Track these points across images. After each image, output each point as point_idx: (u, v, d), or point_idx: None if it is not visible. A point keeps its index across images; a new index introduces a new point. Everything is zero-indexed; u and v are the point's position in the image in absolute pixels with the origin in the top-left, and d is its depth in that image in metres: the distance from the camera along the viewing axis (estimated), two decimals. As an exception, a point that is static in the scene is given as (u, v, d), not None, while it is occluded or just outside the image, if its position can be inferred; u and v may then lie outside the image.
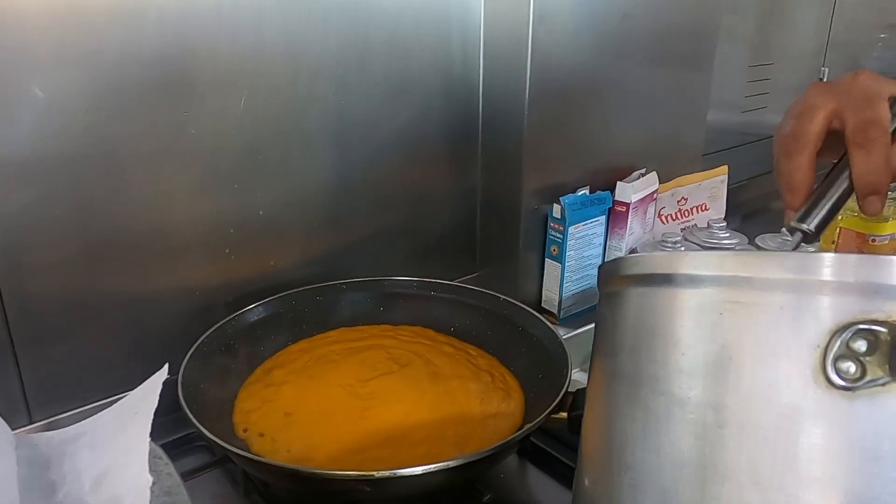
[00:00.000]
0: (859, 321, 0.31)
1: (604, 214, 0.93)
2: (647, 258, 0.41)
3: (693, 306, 0.36)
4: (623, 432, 0.39)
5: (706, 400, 0.35)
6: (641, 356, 0.39)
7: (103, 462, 0.37)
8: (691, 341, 0.36)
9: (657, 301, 0.38)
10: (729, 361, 0.34)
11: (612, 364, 0.42)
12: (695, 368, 0.36)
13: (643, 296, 0.40)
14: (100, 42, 0.61)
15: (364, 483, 0.51)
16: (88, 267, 0.66)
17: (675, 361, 0.37)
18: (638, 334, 0.40)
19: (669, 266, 0.38)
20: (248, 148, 0.73)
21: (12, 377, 0.64)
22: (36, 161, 0.60)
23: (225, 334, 0.71)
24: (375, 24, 0.77)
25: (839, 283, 0.32)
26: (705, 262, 0.36)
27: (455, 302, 0.80)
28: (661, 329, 0.38)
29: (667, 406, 0.36)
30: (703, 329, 0.36)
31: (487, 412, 0.65)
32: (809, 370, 0.32)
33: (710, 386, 0.35)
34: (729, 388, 0.34)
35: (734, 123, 1.33)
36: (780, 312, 0.33)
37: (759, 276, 0.34)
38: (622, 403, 0.40)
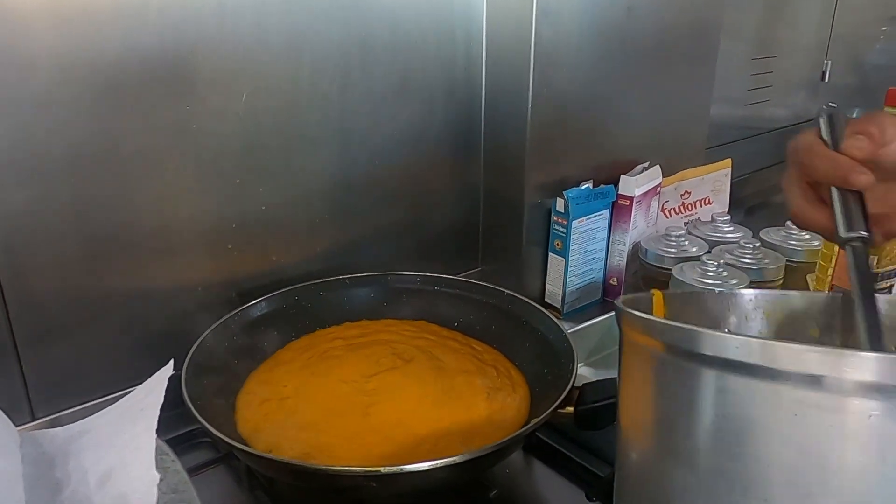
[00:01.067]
0: None
1: (607, 208, 0.93)
2: (691, 334, 0.34)
3: (763, 402, 0.32)
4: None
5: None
6: (697, 442, 0.34)
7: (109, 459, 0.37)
8: (763, 442, 0.32)
9: (705, 382, 0.33)
10: (806, 469, 0.31)
11: (657, 432, 0.37)
12: (768, 473, 0.32)
13: (683, 370, 0.35)
14: (101, 39, 0.60)
15: (370, 479, 0.51)
16: (90, 264, 0.65)
17: (744, 457, 0.32)
18: (690, 416, 0.34)
19: (737, 352, 0.32)
20: (250, 144, 0.72)
21: (15, 375, 0.64)
22: (37, 159, 0.60)
23: (228, 330, 0.70)
24: (378, 20, 0.77)
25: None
26: (779, 354, 0.31)
27: (459, 297, 0.80)
28: (719, 419, 0.33)
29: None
30: (776, 430, 0.32)
31: (493, 408, 0.65)
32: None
33: (787, 496, 0.31)
34: (813, 495, 0.31)
35: (737, 117, 1.32)
36: (868, 421, 0.29)
37: (841, 377, 0.29)
38: (679, 490, 0.35)
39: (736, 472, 0.33)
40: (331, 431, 0.61)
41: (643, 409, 0.39)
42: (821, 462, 0.31)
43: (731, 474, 0.33)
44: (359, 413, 0.64)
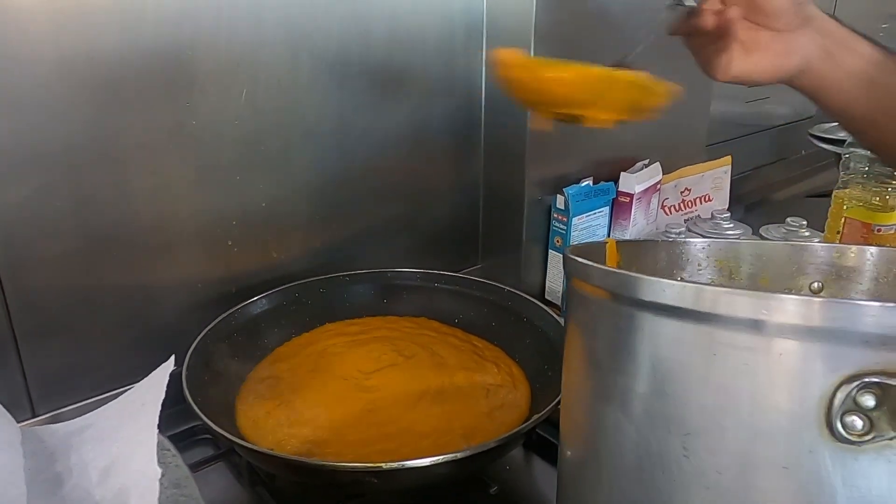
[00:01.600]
0: (867, 373, 0.29)
1: (607, 205, 0.93)
2: (629, 279, 0.36)
3: (685, 341, 0.33)
4: (609, 457, 0.37)
5: (702, 442, 0.33)
6: (628, 381, 0.36)
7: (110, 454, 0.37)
8: (685, 379, 0.33)
9: (642, 325, 0.35)
10: (726, 406, 0.32)
11: (594, 377, 0.39)
12: (690, 406, 0.33)
13: (623, 315, 0.36)
14: (99, 36, 0.60)
15: (371, 475, 0.51)
16: (90, 260, 0.65)
17: (669, 395, 0.34)
18: (622, 356, 0.36)
19: (655, 294, 0.34)
20: (249, 140, 0.72)
21: (15, 371, 0.64)
22: (36, 154, 0.60)
23: (228, 327, 0.70)
24: (377, 14, 0.77)
25: (845, 332, 0.29)
26: (693, 296, 0.33)
27: (459, 293, 0.80)
28: (649, 359, 0.35)
29: (658, 440, 0.34)
30: (697, 368, 0.33)
31: (494, 404, 0.65)
32: (813, 423, 0.30)
33: (706, 432, 0.33)
34: (726, 438, 0.32)
35: (737, 114, 1.32)
36: (780, 360, 0.31)
37: (755, 317, 0.31)
38: (608, 426, 0.37)
39: (660, 411, 0.34)
40: (331, 427, 0.61)
41: (582, 354, 0.40)
42: (733, 399, 0.32)
43: (656, 413, 0.35)
44: (359, 409, 0.64)
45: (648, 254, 0.54)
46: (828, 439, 0.30)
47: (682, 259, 0.54)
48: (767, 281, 0.52)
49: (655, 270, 0.53)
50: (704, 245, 0.54)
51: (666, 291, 0.33)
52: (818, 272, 0.51)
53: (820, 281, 0.51)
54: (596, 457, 0.39)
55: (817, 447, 0.30)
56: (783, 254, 0.52)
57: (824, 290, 0.51)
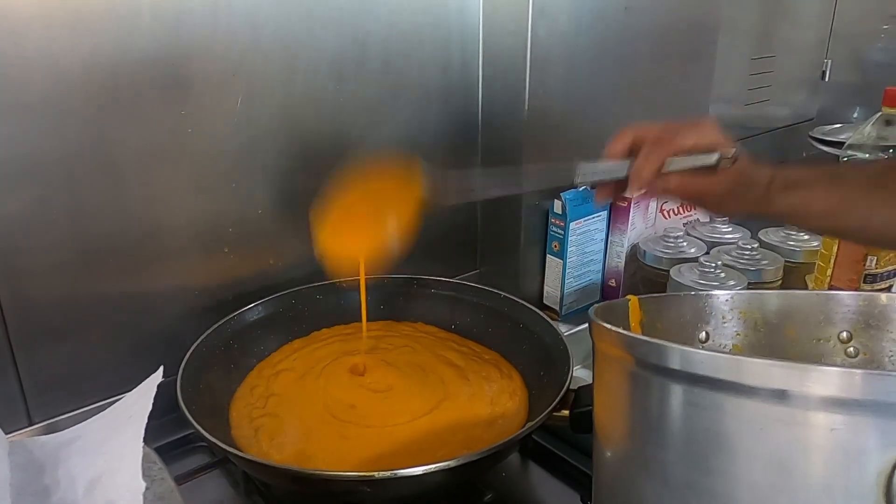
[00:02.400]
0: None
1: (605, 210, 0.93)
2: (660, 349, 0.34)
3: (730, 416, 0.32)
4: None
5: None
6: (668, 454, 0.34)
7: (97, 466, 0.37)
8: (731, 455, 0.32)
9: (673, 395, 0.34)
10: (775, 486, 0.31)
11: (632, 446, 0.37)
12: (736, 488, 0.32)
13: (653, 383, 0.35)
14: (95, 44, 0.60)
15: (364, 483, 0.51)
16: (86, 268, 0.65)
17: (710, 478, 0.32)
18: (660, 427, 0.35)
19: (684, 361, 0.33)
20: (245, 147, 0.72)
21: (11, 380, 0.64)
22: (33, 164, 0.60)
23: (224, 334, 0.70)
24: (373, 20, 0.77)
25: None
26: (745, 370, 0.31)
27: (455, 299, 0.80)
28: (688, 433, 0.33)
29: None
30: (742, 444, 0.31)
31: (494, 411, 0.64)
32: (871, 501, 0.28)
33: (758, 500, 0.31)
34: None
35: (736, 117, 1.31)
36: (831, 435, 0.29)
37: (793, 389, 0.29)
38: (647, 493, 0.36)
39: (705, 486, 0.33)
40: (327, 435, 0.61)
41: (616, 419, 0.39)
42: (785, 476, 0.31)
43: (701, 488, 0.33)
44: (356, 416, 0.64)
45: (672, 308, 0.53)
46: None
47: (705, 312, 0.53)
48: (794, 331, 0.51)
49: (681, 325, 0.53)
50: (728, 297, 0.53)
51: (699, 361, 0.32)
52: (846, 321, 0.50)
53: (848, 330, 0.49)
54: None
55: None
56: (809, 303, 0.51)
57: (854, 340, 0.49)
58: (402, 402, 0.65)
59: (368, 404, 0.65)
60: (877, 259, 0.84)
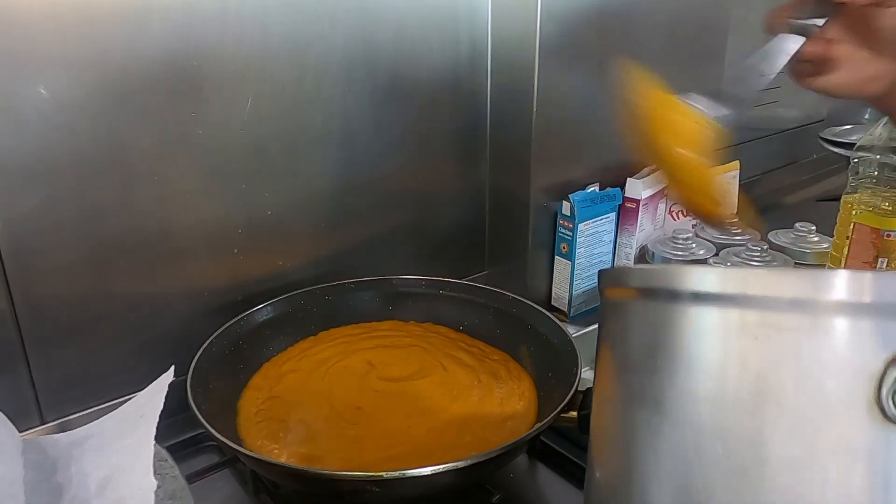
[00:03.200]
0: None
1: (614, 211, 0.93)
2: (665, 271, 0.36)
3: (722, 328, 0.32)
4: (645, 464, 0.35)
5: (743, 435, 0.31)
6: (662, 381, 0.34)
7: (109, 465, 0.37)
8: (723, 369, 0.32)
9: (677, 319, 0.34)
10: (767, 391, 0.31)
11: (626, 382, 0.37)
12: (728, 399, 0.32)
13: (657, 311, 0.35)
14: (105, 45, 0.61)
15: (373, 483, 0.51)
16: (97, 269, 0.66)
17: (704, 391, 0.32)
18: (655, 355, 0.35)
19: (692, 282, 0.33)
20: (255, 148, 0.72)
21: (24, 379, 0.65)
22: (44, 164, 0.60)
23: (233, 335, 0.71)
24: (382, 22, 0.77)
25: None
26: (736, 280, 0.32)
27: (464, 300, 0.80)
28: (684, 353, 0.33)
29: (696, 439, 0.32)
30: (736, 355, 0.32)
31: (506, 413, 0.64)
32: (862, 403, 0.29)
33: (747, 419, 0.31)
34: (768, 421, 0.31)
35: (745, 118, 1.31)
36: (826, 338, 0.30)
37: (802, 297, 0.30)
38: (642, 430, 0.35)
39: (697, 410, 0.33)
40: (336, 434, 0.62)
41: (615, 364, 0.39)
42: (780, 386, 0.31)
43: (694, 412, 0.33)
44: (365, 416, 0.64)
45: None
46: (878, 420, 0.29)
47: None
48: None
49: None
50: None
51: (707, 278, 0.33)
52: None
53: None
54: (629, 469, 0.36)
55: (867, 429, 0.29)
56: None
57: None
58: (411, 403, 0.65)
59: (376, 405, 0.65)
60: (888, 261, 0.84)
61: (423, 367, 0.71)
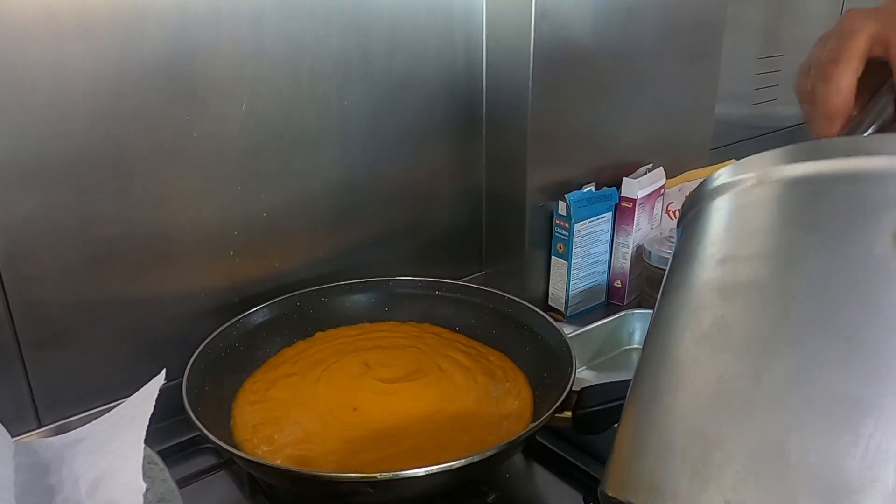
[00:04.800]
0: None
1: (610, 211, 0.93)
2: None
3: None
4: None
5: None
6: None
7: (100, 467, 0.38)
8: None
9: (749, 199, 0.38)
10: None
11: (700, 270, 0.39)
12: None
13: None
14: (100, 48, 0.61)
15: (366, 485, 0.51)
16: (94, 271, 0.66)
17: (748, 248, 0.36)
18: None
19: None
20: (250, 150, 0.73)
21: (21, 382, 0.65)
22: (39, 168, 0.61)
23: (230, 336, 0.71)
24: (376, 22, 0.77)
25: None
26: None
27: (460, 301, 0.80)
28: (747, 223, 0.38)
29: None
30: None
31: (503, 413, 0.65)
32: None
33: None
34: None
35: (743, 116, 1.31)
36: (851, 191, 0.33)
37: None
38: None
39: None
40: (331, 436, 0.62)
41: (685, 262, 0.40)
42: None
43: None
44: (361, 417, 0.64)
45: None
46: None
47: None
48: None
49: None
50: None
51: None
52: None
53: None
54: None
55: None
56: None
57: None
58: (407, 404, 0.66)
59: (372, 406, 0.65)
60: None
61: (419, 368, 0.71)
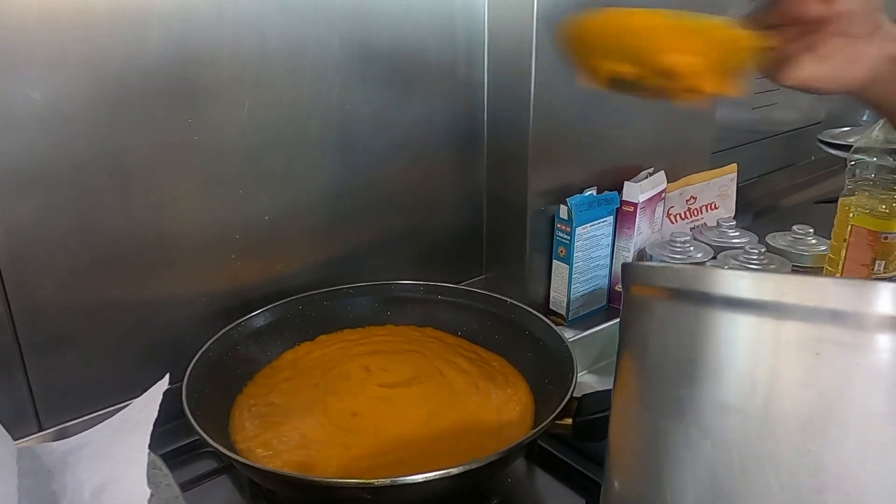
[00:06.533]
0: None
1: (611, 215, 0.93)
2: (714, 274, 0.32)
3: (779, 341, 0.29)
4: (676, 481, 0.32)
5: (800, 460, 0.28)
6: (700, 392, 0.31)
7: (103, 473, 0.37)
8: (778, 385, 0.29)
9: (725, 329, 0.30)
10: (830, 414, 0.28)
11: (654, 390, 0.34)
12: (782, 419, 0.29)
13: (701, 318, 0.31)
14: (102, 51, 0.61)
15: (365, 491, 0.51)
16: (95, 275, 0.66)
17: (753, 407, 0.29)
18: (692, 363, 0.32)
19: (748, 289, 0.30)
20: (252, 154, 0.73)
21: (21, 385, 0.65)
22: (40, 171, 0.61)
23: (231, 340, 0.71)
24: (378, 27, 0.77)
25: None
26: (797, 289, 0.28)
27: (461, 305, 0.80)
28: (730, 364, 0.30)
29: (742, 462, 0.29)
30: (794, 372, 0.29)
31: (502, 417, 0.64)
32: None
33: (803, 442, 0.28)
34: (830, 447, 0.28)
35: (743, 120, 1.31)
36: (882, 358, 0.27)
37: (869, 311, 0.27)
38: (674, 444, 0.32)
39: (744, 424, 0.30)
40: (331, 441, 0.61)
41: (641, 370, 0.36)
42: (840, 405, 0.28)
43: (739, 426, 0.30)
44: (362, 422, 0.64)
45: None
46: None
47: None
48: None
49: None
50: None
51: (744, 284, 0.30)
52: None
53: None
54: (659, 480, 0.33)
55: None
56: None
57: None
58: (408, 409, 0.65)
59: (373, 411, 0.65)
60: (885, 263, 0.84)
61: (420, 373, 0.71)
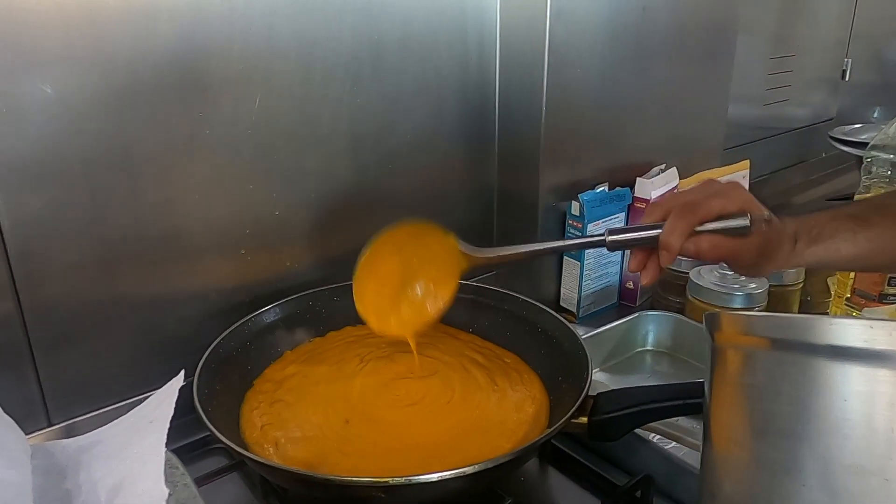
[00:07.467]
0: None
1: (623, 211, 0.92)
2: (821, 322, 0.29)
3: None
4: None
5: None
6: (829, 453, 0.29)
7: (119, 472, 0.37)
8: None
9: (832, 375, 0.29)
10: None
11: (761, 446, 0.32)
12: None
13: (804, 368, 0.30)
14: (112, 45, 0.60)
15: (379, 489, 0.51)
16: (104, 270, 0.65)
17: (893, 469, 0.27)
18: (813, 421, 0.29)
19: (843, 335, 0.28)
20: (262, 149, 0.72)
21: (31, 381, 0.64)
22: (50, 165, 0.60)
23: (241, 336, 0.70)
24: (389, 22, 0.76)
25: None
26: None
27: (474, 302, 0.79)
28: (859, 421, 0.28)
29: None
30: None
31: (520, 419, 0.64)
32: None
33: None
34: None
35: (755, 117, 1.30)
36: None
37: None
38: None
39: (868, 484, 0.28)
40: (342, 438, 0.61)
41: (743, 422, 0.34)
42: None
43: (864, 488, 0.28)
44: (374, 419, 0.63)
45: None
46: None
47: None
48: None
49: None
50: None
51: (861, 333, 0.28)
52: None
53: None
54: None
55: None
56: None
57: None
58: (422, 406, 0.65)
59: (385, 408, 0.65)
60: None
61: (434, 371, 0.70)
